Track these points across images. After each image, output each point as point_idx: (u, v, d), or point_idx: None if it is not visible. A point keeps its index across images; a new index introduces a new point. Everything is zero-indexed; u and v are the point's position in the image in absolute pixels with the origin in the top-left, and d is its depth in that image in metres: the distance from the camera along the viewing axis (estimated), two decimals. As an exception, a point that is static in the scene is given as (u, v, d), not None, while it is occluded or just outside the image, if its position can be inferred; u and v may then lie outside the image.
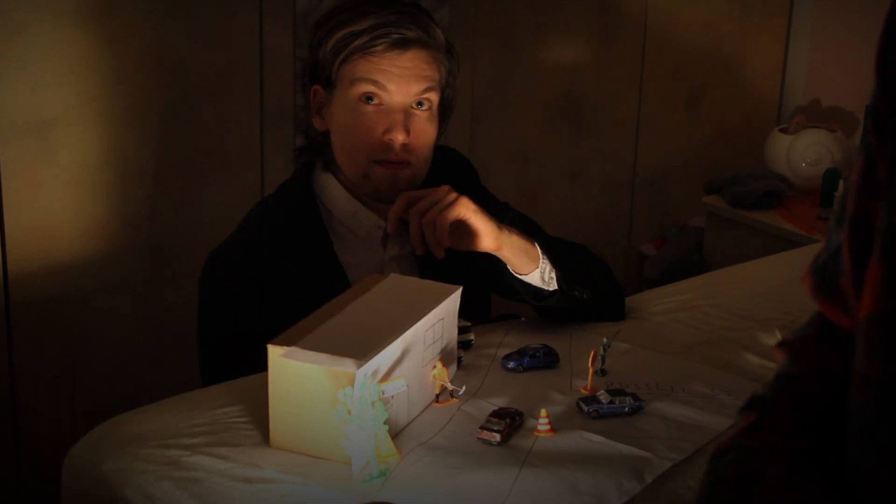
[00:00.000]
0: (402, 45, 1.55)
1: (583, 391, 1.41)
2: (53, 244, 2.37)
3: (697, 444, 1.28)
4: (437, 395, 1.38)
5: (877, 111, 0.83)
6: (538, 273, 1.54)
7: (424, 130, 1.59)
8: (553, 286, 1.56)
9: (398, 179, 1.58)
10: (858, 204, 0.85)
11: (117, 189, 2.42)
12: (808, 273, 0.95)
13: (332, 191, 1.65)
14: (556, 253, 1.57)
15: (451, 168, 1.74)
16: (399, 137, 1.56)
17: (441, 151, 1.70)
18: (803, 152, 3.16)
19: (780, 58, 3.58)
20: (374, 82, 1.54)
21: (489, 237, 1.48)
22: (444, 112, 1.66)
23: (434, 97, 1.59)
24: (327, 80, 1.59)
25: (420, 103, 1.58)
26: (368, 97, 1.56)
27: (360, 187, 1.63)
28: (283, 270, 1.59)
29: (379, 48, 1.54)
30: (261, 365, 1.26)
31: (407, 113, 1.56)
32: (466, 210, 1.46)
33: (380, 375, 1.22)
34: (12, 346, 2.35)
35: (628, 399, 1.35)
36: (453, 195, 1.47)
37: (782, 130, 3.26)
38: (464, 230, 1.47)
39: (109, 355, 2.48)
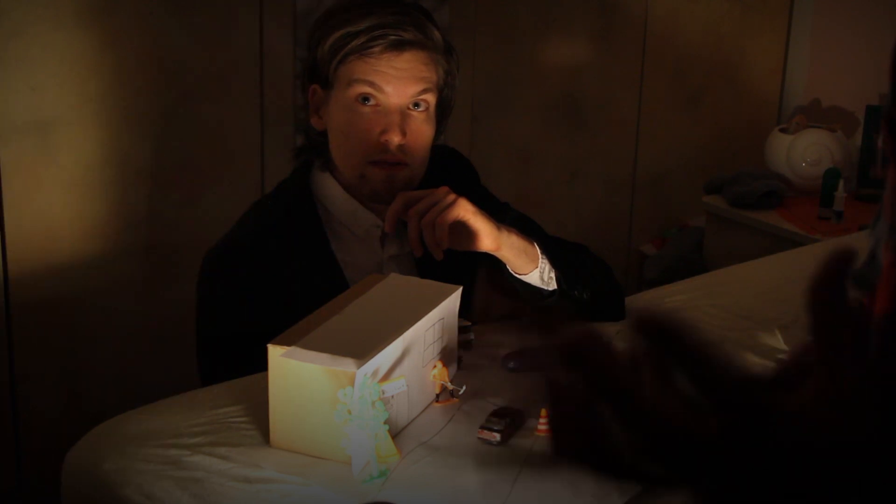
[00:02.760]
0: (399, 46, 1.55)
1: (583, 391, 1.41)
2: (53, 244, 2.37)
3: (697, 444, 1.28)
4: (437, 395, 1.38)
5: (891, 118, 0.83)
6: (537, 273, 1.54)
7: (421, 131, 1.59)
8: (552, 286, 1.56)
9: (394, 180, 1.58)
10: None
11: (117, 189, 2.42)
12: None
13: (331, 190, 1.65)
14: (555, 253, 1.57)
15: (451, 168, 1.74)
16: (395, 139, 1.55)
17: (441, 152, 1.70)
18: (803, 152, 3.16)
19: (780, 58, 3.58)
20: (371, 83, 1.54)
21: (488, 237, 1.48)
22: (442, 112, 1.66)
23: (431, 98, 1.59)
24: (325, 79, 1.59)
25: (417, 104, 1.58)
26: (365, 98, 1.56)
27: (358, 188, 1.63)
28: (280, 270, 1.58)
29: (376, 49, 1.54)
30: (261, 365, 1.26)
31: (403, 114, 1.56)
32: (465, 211, 1.46)
33: (380, 375, 1.22)
34: (12, 346, 2.35)
35: (628, 399, 1.35)
36: (452, 196, 1.47)
37: (782, 130, 3.26)
38: (463, 231, 1.47)
39: (109, 355, 2.48)
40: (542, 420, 1.29)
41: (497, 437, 1.26)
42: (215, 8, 2.47)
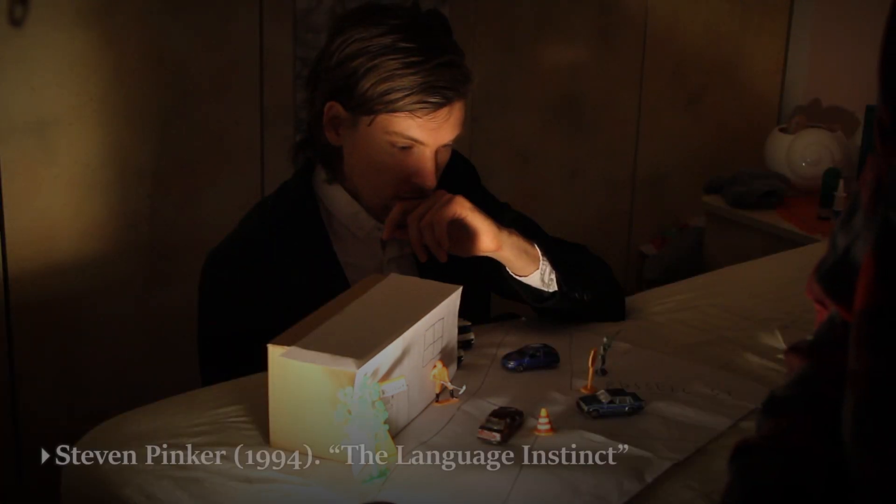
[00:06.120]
0: (449, 102, 1.53)
1: (583, 391, 1.41)
2: (53, 244, 2.37)
3: (697, 444, 1.28)
4: (437, 395, 1.38)
5: (881, 120, 0.83)
6: (538, 274, 1.54)
7: (445, 160, 1.59)
8: (553, 288, 1.56)
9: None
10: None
11: (117, 189, 2.42)
12: (813, 280, 0.94)
13: (334, 192, 1.65)
14: (556, 254, 1.57)
15: (452, 170, 1.74)
16: (430, 184, 1.55)
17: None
18: (803, 152, 3.16)
19: (780, 58, 3.58)
20: (414, 139, 1.53)
21: (488, 235, 1.48)
22: None
23: (461, 132, 1.58)
24: (357, 109, 1.54)
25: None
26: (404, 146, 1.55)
27: (375, 209, 1.62)
28: (282, 270, 1.58)
29: (427, 108, 1.51)
30: (260, 364, 1.26)
31: (437, 153, 1.56)
32: (462, 208, 1.46)
33: (380, 375, 1.22)
34: (12, 346, 2.35)
35: (628, 399, 1.35)
36: (447, 196, 1.47)
37: (782, 130, 3.26)
38: (463, 232, 1.47)
39: (109, 355, 2.48)
40: (541, 420, 1.29)
41: (497, 437, 1.26)
42: (215, 8, 2.47)
